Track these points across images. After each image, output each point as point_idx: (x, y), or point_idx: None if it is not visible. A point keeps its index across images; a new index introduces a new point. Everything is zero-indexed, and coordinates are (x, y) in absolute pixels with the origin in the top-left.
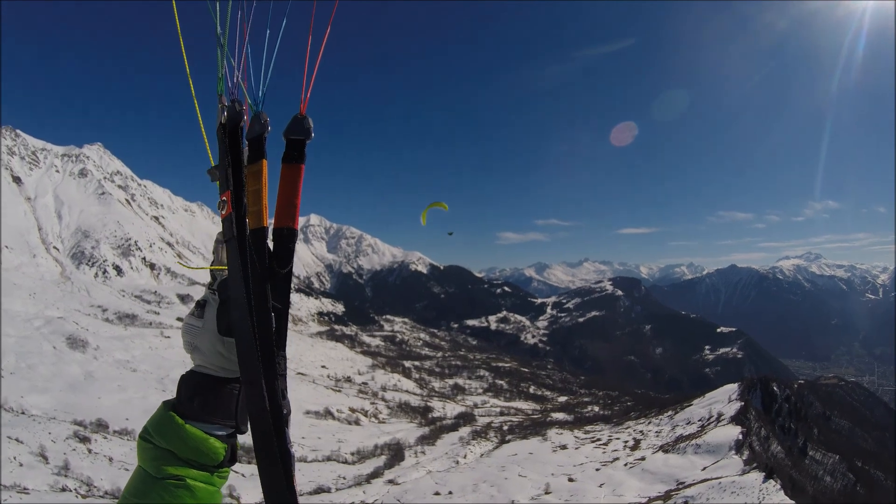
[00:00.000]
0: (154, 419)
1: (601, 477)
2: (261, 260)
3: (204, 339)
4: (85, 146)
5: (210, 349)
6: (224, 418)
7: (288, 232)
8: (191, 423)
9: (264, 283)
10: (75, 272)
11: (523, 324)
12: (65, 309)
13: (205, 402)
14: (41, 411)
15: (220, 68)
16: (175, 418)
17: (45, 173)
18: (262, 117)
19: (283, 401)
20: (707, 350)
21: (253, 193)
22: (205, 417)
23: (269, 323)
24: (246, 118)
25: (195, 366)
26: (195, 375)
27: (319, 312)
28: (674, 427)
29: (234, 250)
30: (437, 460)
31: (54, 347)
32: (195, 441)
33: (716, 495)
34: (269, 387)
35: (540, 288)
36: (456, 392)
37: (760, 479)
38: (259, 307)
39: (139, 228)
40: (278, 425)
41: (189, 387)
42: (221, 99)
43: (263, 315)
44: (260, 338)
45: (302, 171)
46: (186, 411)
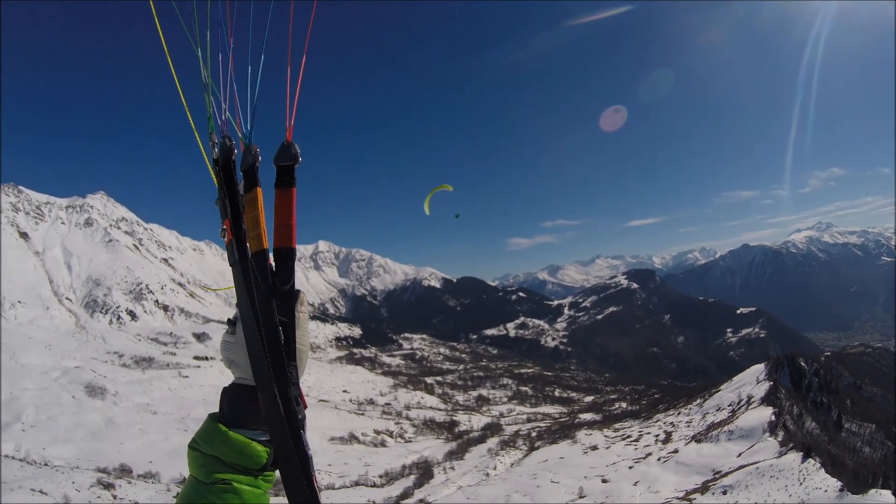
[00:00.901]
0: (201, 429)
1: (635, 475)
2: (264, 279)
3: (238, 353)
4: (88, 196)
5: (244, 361)
6: (263, 423)
7: (286, 251)
8: (234, 430)
9: (270, 300)
10: (90, 321)
11: (542, 327)
12: (81, 358)
13: (244, 410)
14: (64, 461)
15: (208, 108)
16: (219, 426)
17: (51, 226)
18: (252, 149)
19: (297, 406)
20: (729, 333)
21: (251, 219)
22: (246, 424)
23: (278, 335)
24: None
25: (235, 378)
26: (234, 387)
27: (337, 337)
28: (704, 415)
29: (238, 273)
30: (467, 474)
31: (73, 397)
32: (238, 446)
33: (755, 481)
34: (283, 394)
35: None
36: (480, 403)
37: (799, 460)
38: (266, 322)
39: (149, 272)
40: (294, 429)
41: (229, 398)
42: (212, 137)
43: (270, 329)
44: (269, 349)
45: (293, 194)
46: (229, 420)
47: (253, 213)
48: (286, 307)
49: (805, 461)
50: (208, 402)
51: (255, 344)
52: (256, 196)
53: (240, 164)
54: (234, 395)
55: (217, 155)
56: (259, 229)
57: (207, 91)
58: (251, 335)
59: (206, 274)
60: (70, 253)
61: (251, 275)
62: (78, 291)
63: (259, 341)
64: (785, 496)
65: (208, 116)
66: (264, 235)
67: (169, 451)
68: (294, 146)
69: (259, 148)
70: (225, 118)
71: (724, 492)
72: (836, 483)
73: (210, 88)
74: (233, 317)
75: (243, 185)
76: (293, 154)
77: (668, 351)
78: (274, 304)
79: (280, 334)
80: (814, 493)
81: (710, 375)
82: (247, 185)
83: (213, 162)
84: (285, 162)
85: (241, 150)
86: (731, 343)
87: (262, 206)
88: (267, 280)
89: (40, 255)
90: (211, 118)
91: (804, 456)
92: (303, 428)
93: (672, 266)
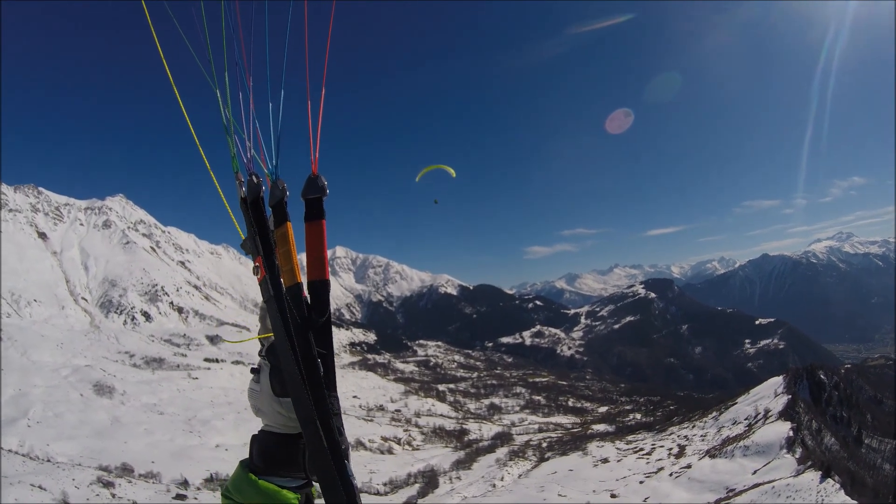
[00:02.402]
0: (232, 478)
1: (645, 490)
2: (300, 312)
3: (263, 402)
4: (107, 198)
5: (270, 410)
6: (293, 471)
7: (321, 283)
8: (263, 479)
9: (306, 333)
10: (104, 321)
11: (558, 336)
12: (92, 357)
13: (273, 457)
14: (67, 458)
15: (232, 148)
16: (249, 475)
17: (69, 227)
18: (279, 185)
19: (340, 437)
20: (748, 344)
21: (283, 254)
22: (276, 471)
23: (317, 368)
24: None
25: (264, 426)
26: (263, 434)
27: (351, 343)
28: (719, 429)
29: (274, 308)
30: (473, 485)
31: (81, 395)
32: (268, 494)
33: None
34: (325, 426)
35: (572, 298)
36: (492, 412)
37: (817, 480)
38: (304, 355)
39: (165, 274)
40: (338, 461)
41: (258, 445)
42: (238, 176)
43: (309, 361)
44: (309, 382)
45: (324, 226)
46: (258, 468)
47: (285, 248)
48: (324, 339)
49: (824, 481)
50: (216, 404)
51: (294, 378)
52: (287, 231)
53: (268, 199)
54: (264, 442)
55: (244, 194)
56: (291, 263)
57: (230, 132)
58: (290, 370)
59: (222, 277)
60: (87, 254)
61: (287, 309)
62: (94, 291)
63: (299, 376)
64: None
65: (232, 156)
66: (297, 269)
67: (173, 451)
68: (321, 178)
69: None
70: (250, 156)
71: None
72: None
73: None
74: (256, 366)
75: (273, 221)
76: (321, 186)
77: (686, 361)
78: (311, 337)
79: (319, 367)
80: None
81: (727, 387)
82: (277, 221)
83: (240, 201)
84: (314, 195)
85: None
86: (750, 354)
87: (294, 241)
88: (303, 313)
89: (58, 255)
90: (235, 158)
91: (823, 475)
92: (347, 458)
93: (691, 276)
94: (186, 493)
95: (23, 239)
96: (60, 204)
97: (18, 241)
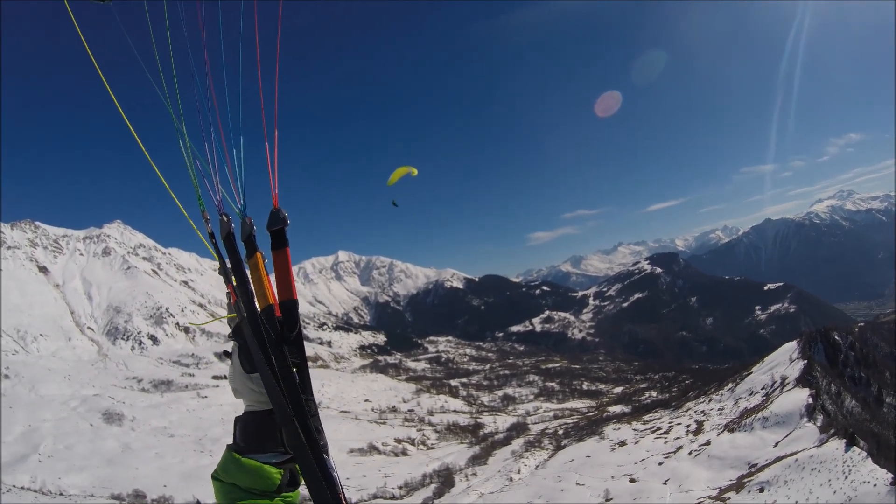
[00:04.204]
0: (220, 461)
1: (665, 472)
2: (274, 330)
3: (237, 381)
4: (105, 225)
5: (244, 388)
6: (273, 445)
7: (290, 303)
8: (247, 457)
9: (281, 347)
10: (112, 348)
11: (568, 320)
12: (100, 385)
13: (253, 435)
14: (79, 490)
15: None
16: (232, 454)
17: (69, 258)
18: (247, 221)
19: (318, 435)
20: (758, 310)
21: (256, 281)
22: (257, 448)
23: (293, 376)
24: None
25: (245, 407)
26: (245, 415)
27: (361, 346)
28: (736, 401)
29: (248, 329)
30: (490, 480)
31: (91, 425)
32: (251, 470)
33: (794, 475)
34: (303, 425)
35: (579, 281)
36: (506, 403)
37: (842, 448)
38: (281, 365)
39: (169, 295)
40: (317, 455)
41: (240, 425)
42: (204, 214)
43: (286, 371)
44: (287, 389)
45: (288, 253)
46: (241, 447)
47: (257, 275)
48: (297, 350)
49: (849, 449)
50: (226, 422)
51: (273, 388)
52: (258, 261)
53: (239, 234)
54: (243, 422)
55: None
56: (264, 288)
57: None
58: (268, 379)
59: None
60: (90, 283)
61: (261, 330)
62: (99, 320)
63: (277, 387)
64: (829, 492)
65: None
66: (269, 293)
67: (184, 473)
68: (281, 211)
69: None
70: (219, 197)
71: (761, 489)
72: (887, 476)
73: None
74: (230, 349)
75: (245, 254)
76: (282, 218)
77: (698, 334)
78: (286, 350)
79: (295, 375)
80: (861, 489)
81: (741, 355)
82: (248, 253)
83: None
84: (277, 226)
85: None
86: (761, 321)
87: (264, 268)
88: (276, 330)
89: (60, 287)
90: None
91: (847, 443)
92: (326, 453)
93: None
94: None
95: (24, 275)
96: (59, 236)
97: (20, 278)
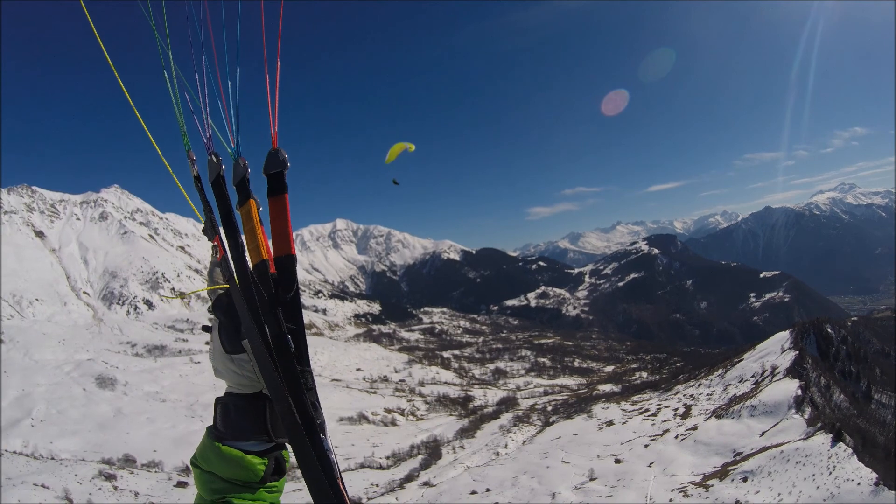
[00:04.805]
0: (199, 445)
1: (650, 454)
2: (267, 289)
3: (217, 361)
4: (102, 190)
5: (224, 369)
6: (257, 433)
7: (287, 258)
8: (227, 444)
9: (275, 310)
10: (107, 313)
11: (563, 296)
12: (94, 350)
13: (235, 421)
14: (70, 454)
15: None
16: (212, 441)
17: (66, 223)
18: (241, 162)
19: (315, 412)
20: (753, 297)
21: (248, 232)
22: (239, 436)
23: (287, 345)
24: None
25: (227, 387)
26: (225, 397)
27: (356, 315)
28: (726, 387)
29: (237, 290)
30: (477, 454)
31: (84, 389)
32: (232, 461)
33: (779, 467)
34: (297, 401)
35: (576, 258)
36: (497, 377)
37: (828, 443)
38: (274, 332)
39: (165, 260)
40: (312, 434)
41: (220, 409)
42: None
43: (279, 338)
44: (280, 360)
45: (287, 200)
46: (222, 433)
47: (249, 226)
48: (293, 314)
49: (835, 445)
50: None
51: (263, 357)
52: (251, 208)
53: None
54: (223, 406)
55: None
56: (257, 241)
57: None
58: (258, 349)
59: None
60: (86, 248)
61: (251, 288)
62: (95, 285)
63: (267, 355)
64: (812, 487)
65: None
66: (262, 246)
67: (175, 438)
68: (281, 152)
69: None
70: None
71: (745, 478)
72: (871, 475)
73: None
74: (209, 322)
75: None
76: (281, 160)
77: (691, 317)
78: (280, 314)
79: (290, 343)
80: (845, 486)
81: (734, 341)
82: (240, 199)
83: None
84: (275, 170)
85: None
86: (755, 308)
87: (258, 218)
88: (270, 290)
89: (56, 252)
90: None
91: (834, 439)
92: (323, 432)
93: (694, 231)
94: (188, 479)
95: (20, 239)
96: (55, 201)
97: (16, 243)
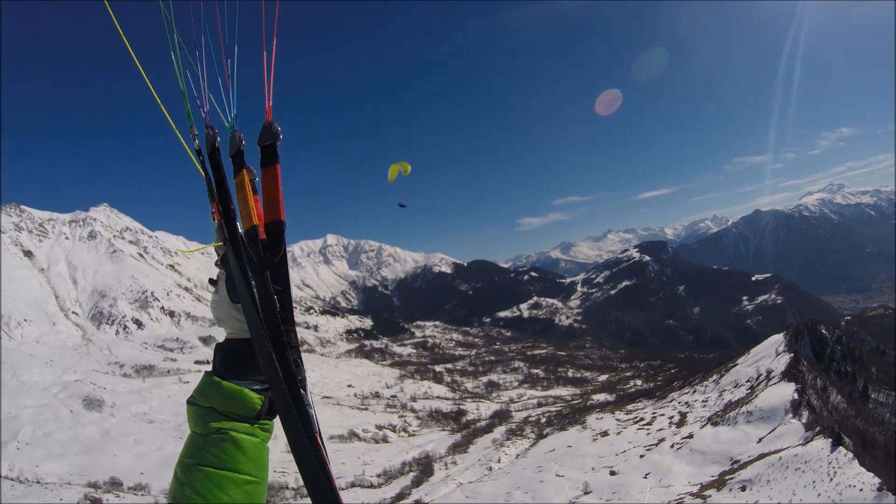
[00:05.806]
0: (197, 386)
1: (646, 465)
2: (256, 253)
3: (222, 310)
4: (91, 209)
5: (228, 317)
6: (254, 373)
7: (276, 224)
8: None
9: (263, 272)
10: (96, 333)
11: (555, 306)
12: (82, 371)
13: (235, 361)
14: (56, 478)
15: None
16: (213, 378)
17: (55, 242)
18: (236, 135)
19: (296, 368)
20: (745, 301)
21: (241, 200)
22: (238, 375)
23: (273, 304)
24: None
25: (226, 335)
26: (226, 342)
27: (348, 330)
28: (721, 393)
29: (230, 251)
30: (469, 469)
31: (71, 411)
32: (231, 394)
33: (777, 475)
34: (280, 357)
35: (568, 267)
36: (490, 389)
37: (828, 448)
38: (261, 293)
39: (154, 279)
40: (293, 389)
41: (220, 352)
42: (192, 129)
43: (266, 299)
44: (266, 318)
45: (278, 170)
46: (222, 373)
47: (242, 194)
48: (280, 277)
49: (835, 450)
50: None
51: (251, 315)
52: (244, 178)
53: (227, 151)
54: (224, 349)
55: (199, 146)
56: (248, 208)
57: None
58: (247, 306)
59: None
60: (75, 267)
61: (241, 251)
62: (84, 304)
63: (255, 313)
64: (812, 495)
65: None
66: (254, 213)
67: (162, 460)
68: (274, 125)
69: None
70: (207, 109)
71: (743, 487)
72: (874, 480)
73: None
74: (215, 276)
75: (233, 171)
76: (274, 132)
77: (684, 322)
78: (268, 275)
79: (276, 303)
80: (847, 493)
81: (728, 345)
82: (235, 170)
83: (195, 152)
84: (268, 141)
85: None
86: (748, 311)
87: (250, 187)
88: (259, 253)
89: (45, 271)
90: (189, 111)
91: (833, 443)
92: (304, 388)
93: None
94: None
95: (9, 259)
96: (44, 220)
97: (5, 262)
